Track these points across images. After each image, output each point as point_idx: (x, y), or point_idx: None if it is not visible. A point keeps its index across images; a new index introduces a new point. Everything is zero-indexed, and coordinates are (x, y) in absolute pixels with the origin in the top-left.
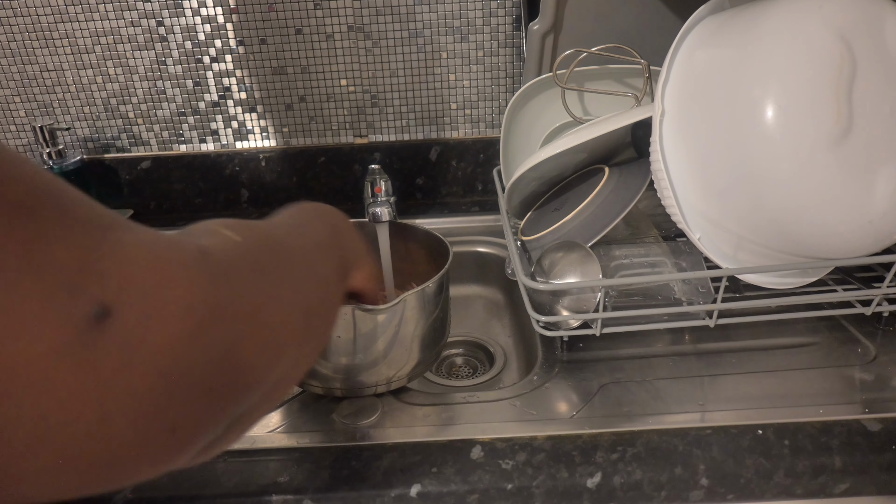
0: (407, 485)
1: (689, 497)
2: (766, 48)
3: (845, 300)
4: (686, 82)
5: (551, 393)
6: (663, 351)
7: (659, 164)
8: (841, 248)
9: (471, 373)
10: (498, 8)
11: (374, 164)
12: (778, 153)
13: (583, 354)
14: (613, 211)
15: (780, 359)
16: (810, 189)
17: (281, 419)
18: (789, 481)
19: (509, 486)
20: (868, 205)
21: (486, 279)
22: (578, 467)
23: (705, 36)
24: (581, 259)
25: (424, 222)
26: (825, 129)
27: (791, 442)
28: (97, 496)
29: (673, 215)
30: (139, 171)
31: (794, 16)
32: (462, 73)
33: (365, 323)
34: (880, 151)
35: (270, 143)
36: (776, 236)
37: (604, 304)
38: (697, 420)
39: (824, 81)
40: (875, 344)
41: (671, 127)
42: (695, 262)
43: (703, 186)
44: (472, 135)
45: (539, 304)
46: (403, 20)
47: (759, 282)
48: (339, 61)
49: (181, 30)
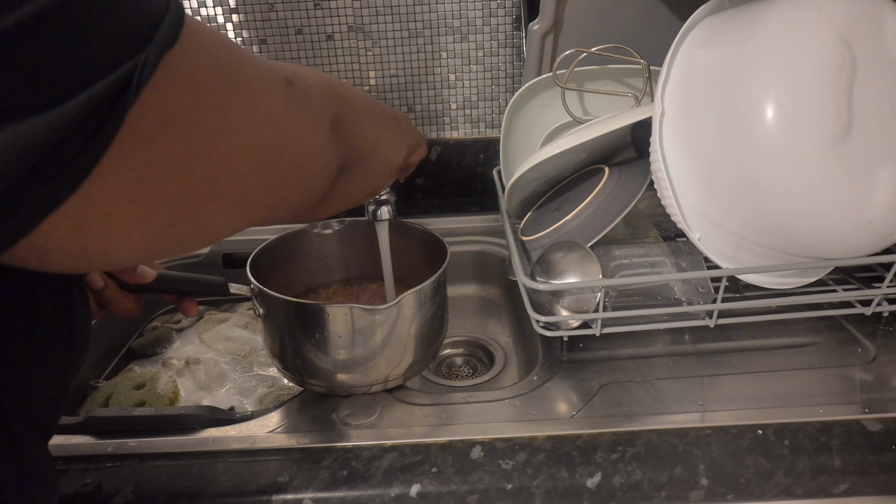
0: (407, 485)
1: (689, 497)
2: (766, 48)
3: (845, 300)
4: (686, 82)
5: (551, 393)
6: (663, 351)
7: (659, 164)
8: (841, 248)
9: (471, 373)
10: (498, 8)
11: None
12: (778, 153)
13: (583, 354)
14: (613, 211)
15: (780, 359)
16: (810, 189)
17: (281, 419)
18: (789, 481)
19: (509, 486)
20: (868, 205)
21: (486, 279)
22: (578, 467)
23: (705, 36)
24: (581, 259)
25: (424, 222)
26: (825, 129)
27: (791, 442)
28: (97, 495)
29: (673, 215)
30: None
31: (794, 15)
32: (462, 73)
33: (363, 320)
34: (880, 151)
35: None
36: (776, 236)
37: (604, 304)
38: (697, 420)
39: (824, 81)
40: (875, 344)
41: (671, 127)
42: (695, 262)
43: (703, 186)
44: (472, 135)
45: (539, 304)
46: (403, 20)
47: (759, 282)
48: (339, 61)
49: None
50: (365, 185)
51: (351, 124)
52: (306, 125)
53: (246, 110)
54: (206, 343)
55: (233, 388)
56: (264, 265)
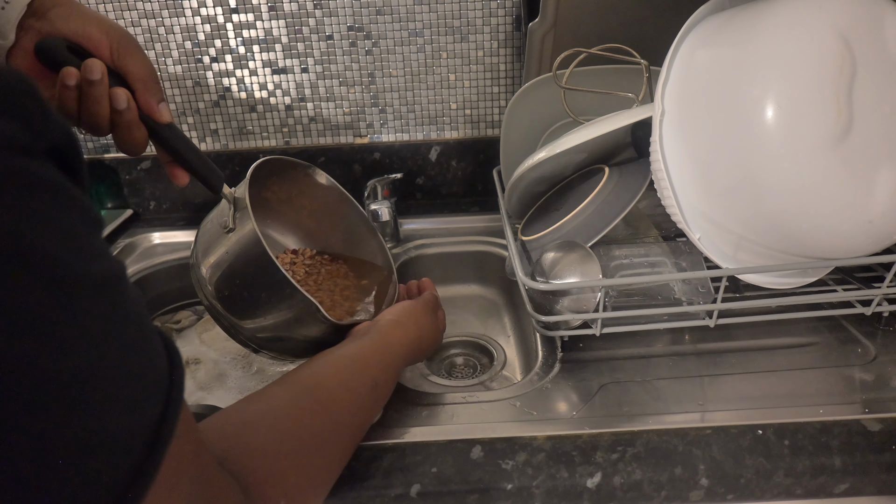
0: (407, 485)
1: (689, 497)
2: (766, 48)
3: (845, 300)
4: (686, 82)
5: (551, 393)
6: (663, 351)
7: (659, 164)
8: (841, 248)
9: (471, 373)
10: (498, 8)
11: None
12: (778, 153)
13: (583, 354)
14: (613, 211)
15: (780, 359)
16: (810, 189)
17: None
18: (789, 481)
19: (509, 486)
20: (868, 205)
21: (486, 279)
22: (578, 467)
23: (705, 36)
24: (581, 259)
25: (424, 222)
26: (825, 129)
27: (791, 442)
28: None
29: (673, 215)
30: (139, 172)
31: (795, 15)
32: (462, 73)
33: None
34: (880, 151)
35: (270, 143)
36: (776, 236)
37: (604, 304)
38: (697, 420)
39: (824, 81)
40: (875, 344)
41: (671, 127)
42: (695, 262)
43: (704, 186)
44: (472, 135)
45: (539, 304)
46: (403, 20)
47: (759, 282)
48: (339, 61)
49: (181, 30)
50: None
51: (388, 385)
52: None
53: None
54: (206, 343)
55: (233, 387)
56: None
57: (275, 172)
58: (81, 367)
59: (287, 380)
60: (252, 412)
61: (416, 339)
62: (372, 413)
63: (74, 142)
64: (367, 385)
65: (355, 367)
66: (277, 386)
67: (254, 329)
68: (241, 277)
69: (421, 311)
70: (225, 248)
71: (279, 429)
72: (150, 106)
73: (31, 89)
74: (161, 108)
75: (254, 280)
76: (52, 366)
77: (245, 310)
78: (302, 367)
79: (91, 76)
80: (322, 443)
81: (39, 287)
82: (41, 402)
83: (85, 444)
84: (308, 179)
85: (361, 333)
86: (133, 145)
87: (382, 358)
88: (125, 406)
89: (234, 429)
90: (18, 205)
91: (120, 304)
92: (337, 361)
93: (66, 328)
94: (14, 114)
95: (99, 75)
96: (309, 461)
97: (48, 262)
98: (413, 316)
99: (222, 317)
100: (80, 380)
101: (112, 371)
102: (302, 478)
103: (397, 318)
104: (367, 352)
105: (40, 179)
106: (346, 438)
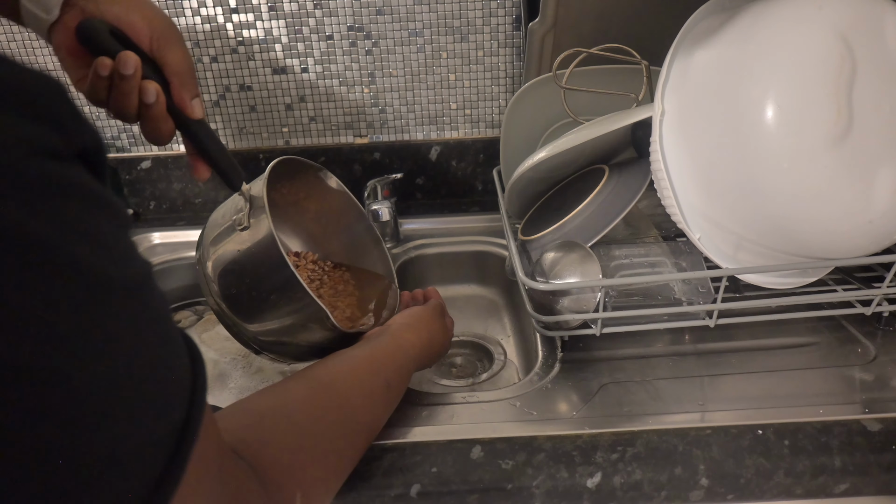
0: (407, 485)
1: (689, 497)
2: (766, 48)
3: (845, 300)
4: (686, 82)
5: (551, 393)
6: (663, 351)
7: (659, 164)
8: (841, 248)
9: (471, 373)
10: (498, 8)
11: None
12: (778, 153)
13: (583, 354)
14: (613, 211)
15: (780, 359)
16: (810, 189)
17: None
18: (789, 481)
19: (509, 486)
20: (868, 205)
21: (486, 279)
22: (578, 467)
23: (705, 36)
24: (581, 259)
25: (424, 222)
26: (825, 129)
27: (791, 442)
28: None
29: (673, 215)
30: (139, 171)
31: (795, 16)
32: (462, 73)
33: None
34: (880, 151)
35: (270, 143)
36: (776, 236)
37: (604, 304)
38: (697, 420)
39: (824, 81)
40: (875, 344)
41: (671, 127)
42: (695, 262)
43: (704, 186)
44: (472, 135)
45: (539, 304)
46: (403, 20)
47: (759, 282)
48: (339, 61)
49: (181, 30)
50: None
51: (400, 387)
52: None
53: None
54: (207, 343)
55: (233, 388)
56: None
57: (286, 173)
58: (111, 375)
59: (303, 376)
60: (269, 405)
61: (427, 343)
62: (384, 414)
63: (101, 143)
64: (380, 386)
65: (370, 369)
66: (293, 381)
67: (258, 331)
68: (252, 277)
69: (431, 316)
70: (236, 247)
71: (296, 422)
72: (183, 101)
73: (62, 92)
74: (194, 104)
75: (264, 281)
76: (82, 376)
77: (251, 310)
78: (317, 365)
79: (124, 70)
80: (336, 440)
81: (71, 296)
82: (71, 413)
83: (113, 452)
84: (318, 182)
85: (375, 336)
86: (158, 136)
87: (395, 360)
88: (152, 411)
89: (251, 419)
90: (51, 212)
91: (148, 307)
92: (352, 361)
93: (97, 337)
94: (47, 118)
95: (132, 70)
96: (324, 457)
97: (79, 270)
98: (424, 321)
99: (226, 316)
100: (110, 388)
101: (140, 377)
102: (319, 471)
103: (409, 322)
104: (381, 354)
105: (72, 183)
106: (359, 438)
